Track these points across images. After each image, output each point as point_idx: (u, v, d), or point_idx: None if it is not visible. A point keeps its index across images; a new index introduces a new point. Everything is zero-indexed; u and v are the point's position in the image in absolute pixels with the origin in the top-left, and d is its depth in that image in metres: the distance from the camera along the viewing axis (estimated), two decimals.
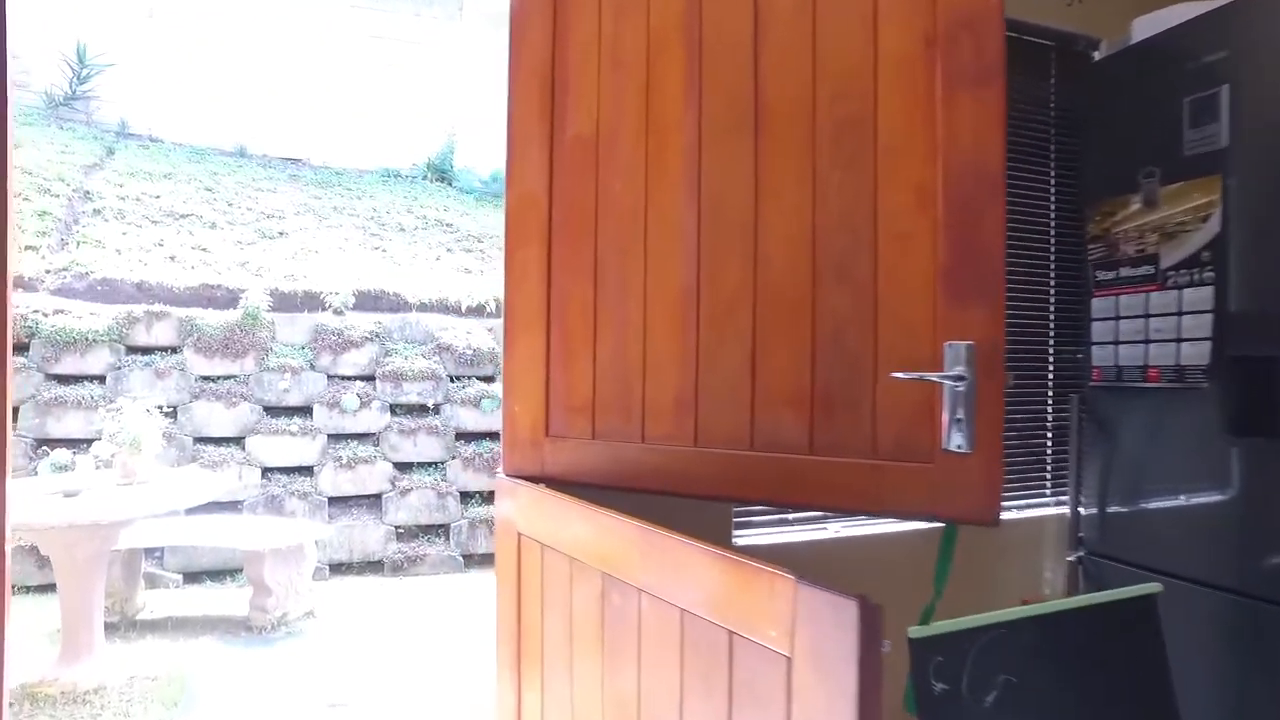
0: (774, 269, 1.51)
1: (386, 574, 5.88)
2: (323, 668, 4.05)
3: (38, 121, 8.80)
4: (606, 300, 1.64)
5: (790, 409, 1.49)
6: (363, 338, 6.45)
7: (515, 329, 1.74)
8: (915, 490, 1.40)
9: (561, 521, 1.52)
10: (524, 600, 1.63)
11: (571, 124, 1.69)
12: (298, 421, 6.09)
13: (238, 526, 4.94)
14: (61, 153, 8.12)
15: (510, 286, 1.76)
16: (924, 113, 1.39)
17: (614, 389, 1.63)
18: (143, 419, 3.80)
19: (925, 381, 1.38)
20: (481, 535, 6.14)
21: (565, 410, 1.68)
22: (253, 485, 5.83)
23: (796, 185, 1.49)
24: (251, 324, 6.18)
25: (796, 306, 1.49)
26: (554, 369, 1.69)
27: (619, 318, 1.63)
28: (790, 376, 1.49)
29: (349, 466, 6.04)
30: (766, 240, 1.51)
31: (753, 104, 1.53)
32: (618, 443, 1.62)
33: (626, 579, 1.33)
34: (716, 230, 1.56)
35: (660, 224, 1.60)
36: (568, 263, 1.68)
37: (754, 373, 1.52)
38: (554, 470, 1.69)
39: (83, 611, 3.67)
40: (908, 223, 1.41)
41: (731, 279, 1.54)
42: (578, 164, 1.68)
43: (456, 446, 6.41)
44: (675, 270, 1.58)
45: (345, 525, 5.87)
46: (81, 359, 5.75)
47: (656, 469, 1.58)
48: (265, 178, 8.91)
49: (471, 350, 6.65)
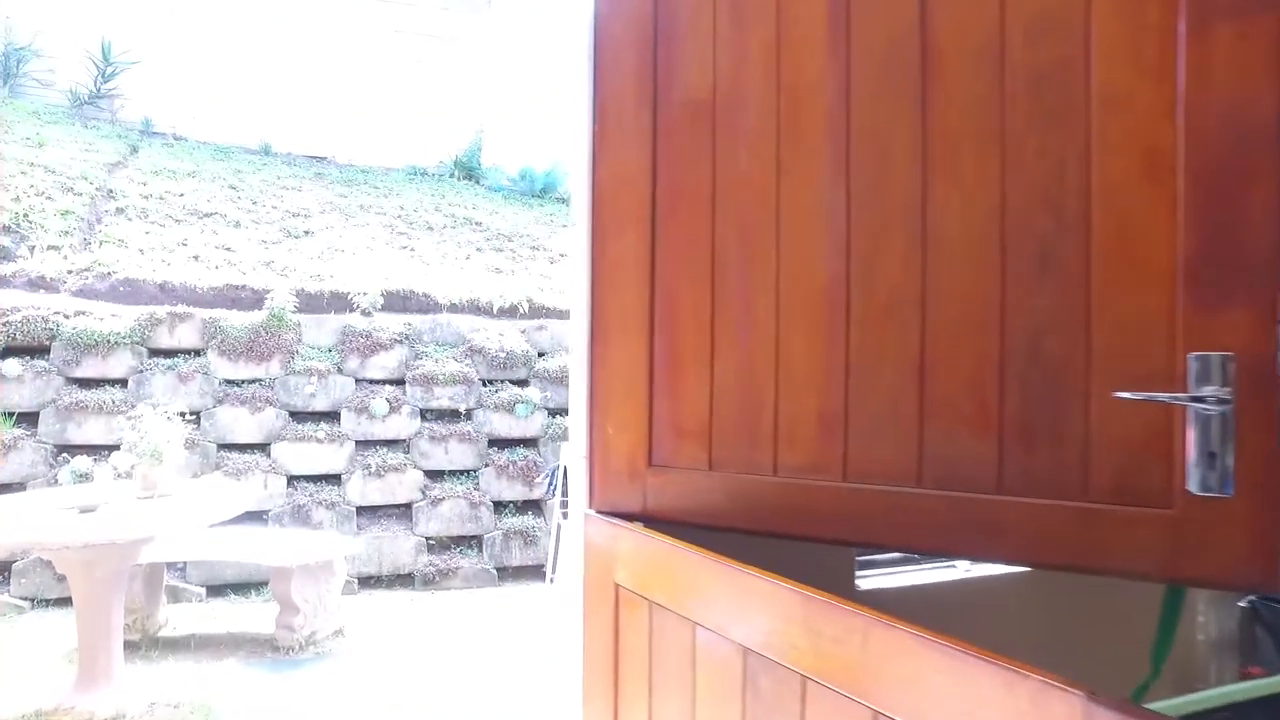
0: (948, 259, 1.20)
1: (417, 587, 5.62)
2: (355, 692, 3.78)
3: (62, 120, 8.64)
4: (727, 299, 1.34)
5: (971, 435, 1.18)
6: (392, 340, 6.19)
7: (607, 335, 1.44)
8: (1145, 543, 1.08)
9: (682, 577, 1.22)
10: (623, 671, 1.33)
11: (680, 84, 1.39)
12: (325, 427, 5.84)
13: (263, 540, 4.68)
14: (85, 151, 7.95)
15: (600, 283, 1.46)
16: (1158, 52, 1.08)
17: (737, 409, 1.33)
18: (164, 427, 3.54)
19: (1159, 403, 1.07)
20: (516, 547, 5.86)
21: (673, 435, 1.37)
22: (278, 494, 5.59)
23: (978, 152, 1.18)
24: (277, 325, 5.94)
25: (979, 305, 1.18)
26: (659, 384, 1.39)
27: (744, 321, 1.32)
28: (971, 394, 1.18)
29: (378, 474, 5.78)
30: (938, 222, 1.21)
31: (918, 49, 1.22)
32: (741, 474, 1.32)
33: (786, 662, 1.03)
34: (871, 211, 1.25)
35: (798, 205, 1.29)
36: (677, 254, 1.38)
37: (922, 389, 1.21)
38: (657, 507, 1.39)
39: (101, 633, 3.42)
40: (1134, 197, 1.10)
41: (891, 272, 1.23)
42: (689, 133, 1.38)
43: (489, 454, 6.13)
44: (817, 262, 1.28)
45: (374, 536, 5.61)
46: (103, 362, 5.54)
47: (792, 508, 1.27)
48: (290, 176, 8.70)
49: (504, 353, 6.37)
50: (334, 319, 6.20)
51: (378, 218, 8.19)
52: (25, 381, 5.33)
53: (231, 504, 3.62)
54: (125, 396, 5.45)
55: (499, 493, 6.03)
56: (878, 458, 1.23)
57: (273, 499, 5.55)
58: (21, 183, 6.91)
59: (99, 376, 5.53)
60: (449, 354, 6.30)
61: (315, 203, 8.23)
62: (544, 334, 6.65)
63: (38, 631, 4.51)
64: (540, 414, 6.29)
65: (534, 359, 6.49)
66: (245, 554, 4.40)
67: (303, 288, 6.37)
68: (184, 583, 5.17)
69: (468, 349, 6.35)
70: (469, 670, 4.13)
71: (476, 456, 6.07)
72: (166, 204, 7.33)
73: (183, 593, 5.12)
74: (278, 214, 7.74)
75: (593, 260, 1.48)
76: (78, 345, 5.47)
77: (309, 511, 5.56)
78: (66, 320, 5.55)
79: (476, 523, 5.88)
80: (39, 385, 5.35)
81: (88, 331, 5.51)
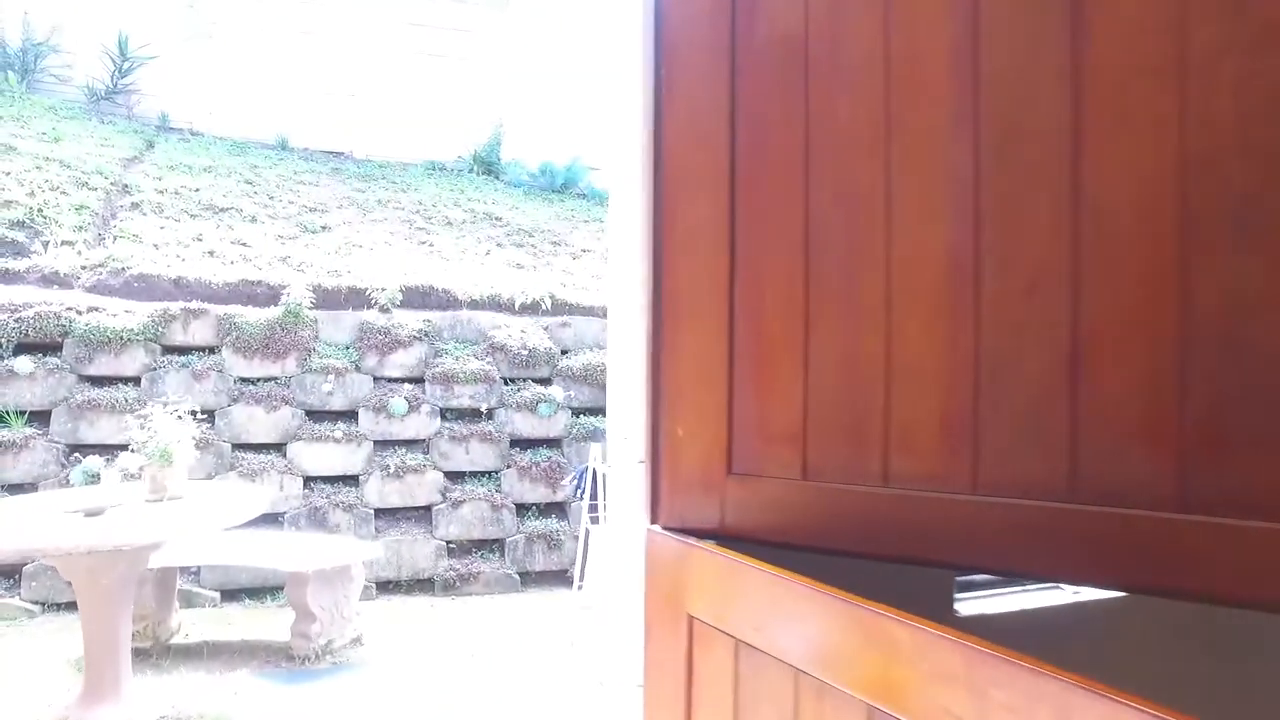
0: (1110, 223, 0.97)
1: (437, 593, 5.43)
2: (373, 707, 3.58)
3: (79, 115, 8.54)
4: (825, 276, 1.11)
5: (1143, 441, 0.95)
6: (411, 337, 6.00)
7: (677, 319, 1.22)
8: None
9: (785, 612, 1.00)
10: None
11: (765, 19, 1.17)
12: (342, 427, 5.66)
13: (279, 544, 4.50)
14: (101, 146, 7.83)
15: (669, 259, 1.24)
16: None
17: (838, 408, 1.10)
18: (174, 427, 3.36)
19: None
20: (539, 552, 5.66)
21: (759, 437, 1.15)
22: (294, 496, 5.42)
23: (1153, 85, 0.95)
24: (293, 322, 5.76)
25: (1153, 281, 0.95)
26: (740, 377, 1.16)
27: (846, 303, 1.10)
28: (1142, 390, 0.95)
29: (397, 476, 5.60)
30: (1097, 176, 0.98)
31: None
32: (842, 484, 1.09)
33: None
34: (1007, 168, 1.03)
35: (913, 160, 1.07)
36: (761, 223, 1.16)
37: (1074, 384, 0.99)
38: (738, 522, 1.16)
39: (108, 643, 3.24)
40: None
41: (1035, 241, 1.01)
42: (775, 79, 1.16)
43: (511, 454, 5.93)
44: (939, 231, 1.05)
45: (393, 540, 5.42)
46: (116, 359, 5.38)
47: (907, 525, 1.05)
48: (307, 171, 8.56)
49: (526, 350, 6.16)
50: (351, 315, 6.03)
51: (396, 213, 8.02)
52: (37, 379, 5.19)
53: (245, 508, 3.44)
54: (138, 395, 5.29)
55: (521, 495, 5.82)
56: (1016, 466, 1.01)
57: (288, 500, 5.37)
58: (36, 178, 6.78)
59: (112, 374, 5.38)
60: (469, 351, 6.11)
61: (332, 198, 8.07)
62: (567, 331, 6.44)
63: (48, 637, 4.36)
64: (564, 413, 6.08)
65: (557, 356, 6.28)
66: (260, 559, 4.22)
67: (320, 283, 6.19)
68: (198, 587, 5.01)
69: (489, 346, 6.16)
70: (494, 683, 3.92)
71: (498, 457, 5.87)
72: (182, 199, 7.19)
73: (196, 597, 4.96)
74: (294, 209, 7.59)
75: (657, 232, 1.26)
76: (90, 342, 5.32)
77: (326, 514, 5.38)
78: (79, 316, 5.40)
79: (498, 526, 5.68)
80: (51, 383, 5.21)
81: (101, 328, 5.36)
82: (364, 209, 7.98)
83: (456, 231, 7.88)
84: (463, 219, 8.17)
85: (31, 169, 6.88)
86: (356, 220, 7.71)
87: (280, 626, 4.37)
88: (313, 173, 8.55)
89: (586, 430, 6.03)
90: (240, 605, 5.01)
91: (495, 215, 8.37)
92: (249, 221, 7.13)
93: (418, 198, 8.44)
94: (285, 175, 8.29)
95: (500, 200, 8.85)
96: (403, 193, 8.54)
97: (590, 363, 6.24)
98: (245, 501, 3.54)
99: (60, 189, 6.80)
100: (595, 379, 6.17)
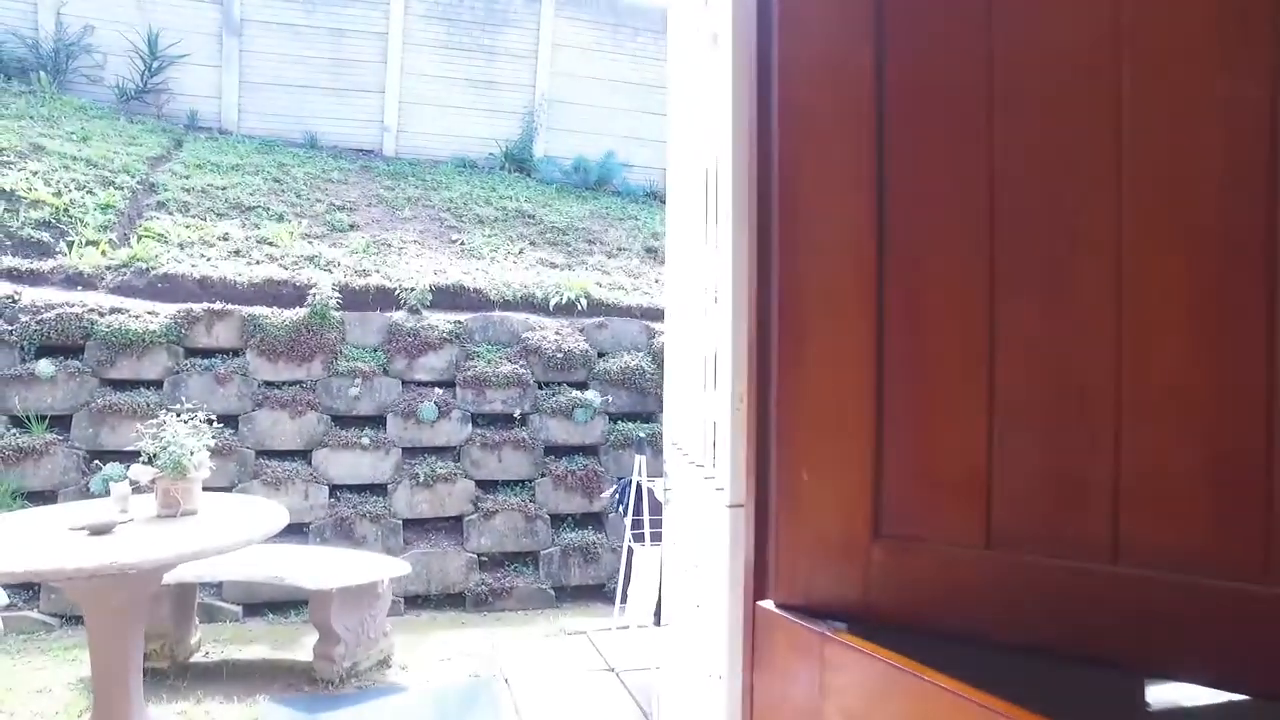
0: None
1: (469, 609, 5.16)
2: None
3: (107, 115, 8.43)
4: (1018, 265, 0.80)
5: None
6: (441, 339, 5.75)
7: (802, 322, 0.91)
8: None
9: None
10: None
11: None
12: (369, 433, 5.42)
13: (302, 559, 4.26)
14: (128, 145, 7.70)
15: (785, 236, 0.93)
16: None
17: (1038, 448, 0.78)
18: (189, 436, 3.12)
19: None
20: (575, 565, 5.37)
21: (919, 486, 0.84)
22: (319, 505, 5.18)
23: None
24: (319, 323, 5.54)
25: None
26: (893, 405, 0.85)
27: (1052, 302, 0.78)
28: None
29: (426, 485, 5.34)
30: None
31: None
32: (1046, 558, 0.77)
33: None
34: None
35: (1158, 101, 0.75)
36: (922, 188, 0.84)
37: None
38: (887, 601, 0.85)
39: (117, 670, 3.00)
40: None
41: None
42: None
43: (546, 462, 5.65)
44: (1201, 199, 0.73)
45: (422, 552, 5.17)
46: (138, 362, 5.19)
47: (1153, 622, 0.73)
48: (335, 169, 8.37)
49: (561, 353, 5.88)
50: (379, 316, 5.79)
51: (426, 210, 7.80)
52: (59, 383, 5.02)
53: (263, 525, 3.18)
54: (160, 399, 5.09)
55: (556, 505, 5.54)
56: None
57: (313, 510, 5.15)
58: (64, 177, 6.65)
59: (134, 378, 5.19)
60: (502, 354, 5.84)
61: (361, 196, 7.87)
62: (604, 333, 6.14)
63: (64, 652, 4.16)
64: (601, 419, 5.79)
65: (594, 359, 5.99)
66: (282, 573, 3.98)
67: (347, 283, 5.97)
68: (220, 600, 4.80)
69: (522, 349, 5.89)
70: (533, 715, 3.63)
71: (532, 465, 5.60)
72: (208, 197, 7.03)
73: (219, 611, 4.75)
74: (322, 207, 7.39)
75: (764, 199, 0.95)
76: (112, 344, 5.13)
77: (352, 525, 5.14)
78: (101, 318, 5.22)
79: (532, 538, 5.41)
80: (72, 387, 5.03)
81: (123, 330, 5.17)
82: (393, 207, 7.76)
83: (488, 230, 7.63)
84: (494, 217, 7.92)
85: (59, 168, 6.75)
86: (385, 219, 7.50)
87: (304, 645, 4.13)
88: (341, 171, 8.37)
89: (625, 437, 5.73)
90: (264, 620, 4.78)
91: (527, 213, 8.12)
92: (275, 220, 6.94)
93: (448, 195, 8.22)
94: (313, 173, 8.11)
95: (532, 197, 8.60)
96: (433, 190, 8.32)
97: (629, 365, 5.94)
98: (264, 518, 3.29)
99: (87, 188, 6.66)
100: (634, 383, 5.87)
